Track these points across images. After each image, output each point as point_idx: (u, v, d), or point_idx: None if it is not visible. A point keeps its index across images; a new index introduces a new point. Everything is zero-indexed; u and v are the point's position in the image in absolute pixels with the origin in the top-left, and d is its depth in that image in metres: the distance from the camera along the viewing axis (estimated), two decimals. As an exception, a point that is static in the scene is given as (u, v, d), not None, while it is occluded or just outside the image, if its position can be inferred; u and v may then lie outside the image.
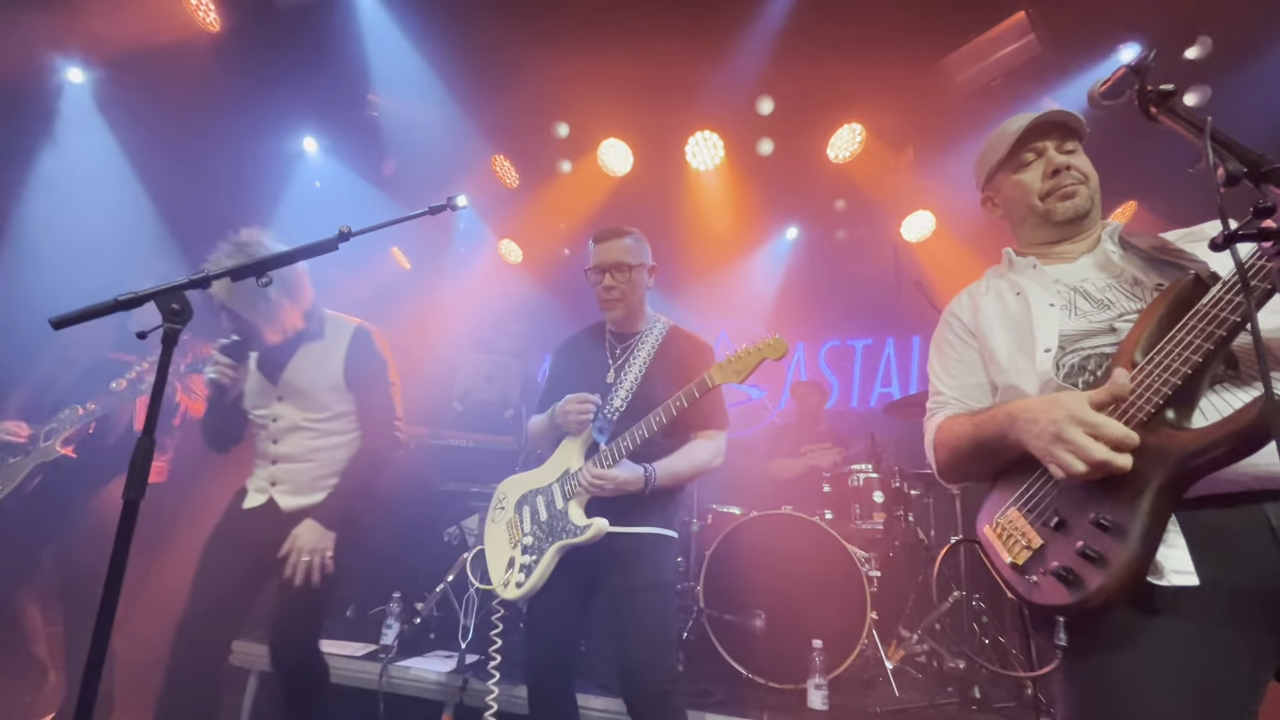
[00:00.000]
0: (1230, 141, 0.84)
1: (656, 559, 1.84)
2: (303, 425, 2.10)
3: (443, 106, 4.25)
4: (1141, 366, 0.93)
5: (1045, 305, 1.18)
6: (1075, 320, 1.13)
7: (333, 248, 1.51)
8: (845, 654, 2.71)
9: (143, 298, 1.24)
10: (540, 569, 1.79)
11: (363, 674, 2.81)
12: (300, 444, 2.10)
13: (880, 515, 3.30)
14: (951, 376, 1.35)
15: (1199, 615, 0.86)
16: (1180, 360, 0.89)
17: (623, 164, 4.65)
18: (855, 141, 4.25)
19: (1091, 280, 1.18)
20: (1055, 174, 1.27)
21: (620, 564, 1.81)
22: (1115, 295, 1.13)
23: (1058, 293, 1.19)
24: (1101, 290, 1.16)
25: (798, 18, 3.54)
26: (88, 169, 3.62)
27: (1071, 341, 1.11)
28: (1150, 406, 0.90)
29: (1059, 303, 1.17)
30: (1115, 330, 1.07)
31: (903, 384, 4.95)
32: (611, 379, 1.97)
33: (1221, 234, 0.75)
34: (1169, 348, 0.91)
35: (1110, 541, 0.88)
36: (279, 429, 2.10)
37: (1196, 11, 3.19)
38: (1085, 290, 1.17)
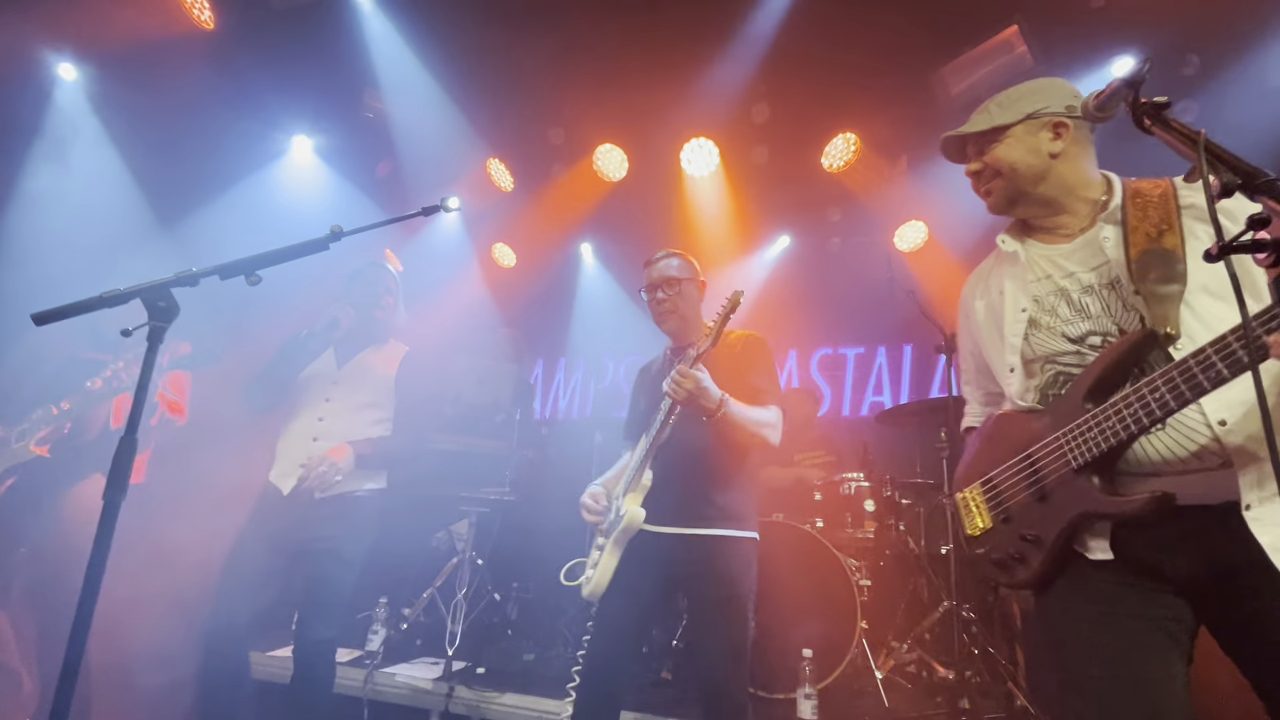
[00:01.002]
0: (1224, 154, 0.84)
1: (733, 566, 1.83)
2: (349, 410, 2.33)
3: (438, 109, 4.24)
4: (1084, 419, 1.12)
5: (1017, 311, 1.30)
6: (1048, 333, 1.25)
7: (324, 247, 1.50)
8: (835, 663, 2.70)
9: (129, 294, 1.22)
10: (601, 566, 1.88)
11: (347, 680, 2.77)
12: (341, 427, 2.29)
13: (871, 524, 3.30)
14: (966, 377, 1.56)
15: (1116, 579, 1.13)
16: (1109, 433, 1.08)
17: (618, 169, 4.66)
18: (849, 151, 4.28)
19: (1077, 276, 1.25)
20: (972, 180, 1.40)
21: (696, 571, 1.82)
22: (1093, 303, 1.22)
23: (1036, 293, 1.29)
24: (1081, 293, 1.24)
25: (794, 27, 3.56)
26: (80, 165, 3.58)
27: (1045, 353, 1.25)
28: (1079, 460, 1.12)
29: (1031, 308, 1.28)
30: (1081, 354, 1.20)
31: (894, 393, 4.96)
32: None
33: (1216, 245, 0.75)
34: (1105, 414, 1.09)
35: (1031, 550, 1.20)
36: (329, 409, 2.31)
37: (1188, 25, 3.24)
38: (1067, 291, 1.26)
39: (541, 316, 5.75)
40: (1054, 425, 1.17)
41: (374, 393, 2.41)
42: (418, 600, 3.50)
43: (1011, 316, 1.30)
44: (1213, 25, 3.25)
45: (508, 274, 5.68)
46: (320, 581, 2.19)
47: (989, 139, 1.33)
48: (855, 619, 2.75)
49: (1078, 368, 1.20)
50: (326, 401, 2.33)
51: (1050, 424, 1.18)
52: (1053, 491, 1.16)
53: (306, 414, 2.32)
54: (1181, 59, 3.34)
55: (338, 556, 2.20)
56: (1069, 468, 1.13)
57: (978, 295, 1.46)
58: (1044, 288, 1.28)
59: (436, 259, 5.35)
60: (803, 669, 2.52)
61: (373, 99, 4.17)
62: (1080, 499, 1.12)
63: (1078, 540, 1.15)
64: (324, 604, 2.19)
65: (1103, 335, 1.18)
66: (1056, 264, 1.29)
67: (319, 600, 2.18)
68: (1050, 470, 1.16)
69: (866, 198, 4.55)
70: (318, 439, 2.26)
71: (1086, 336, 1.20)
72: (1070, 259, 1.27)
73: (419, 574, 3.75)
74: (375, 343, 2.49)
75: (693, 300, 2.12)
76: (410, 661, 3.02)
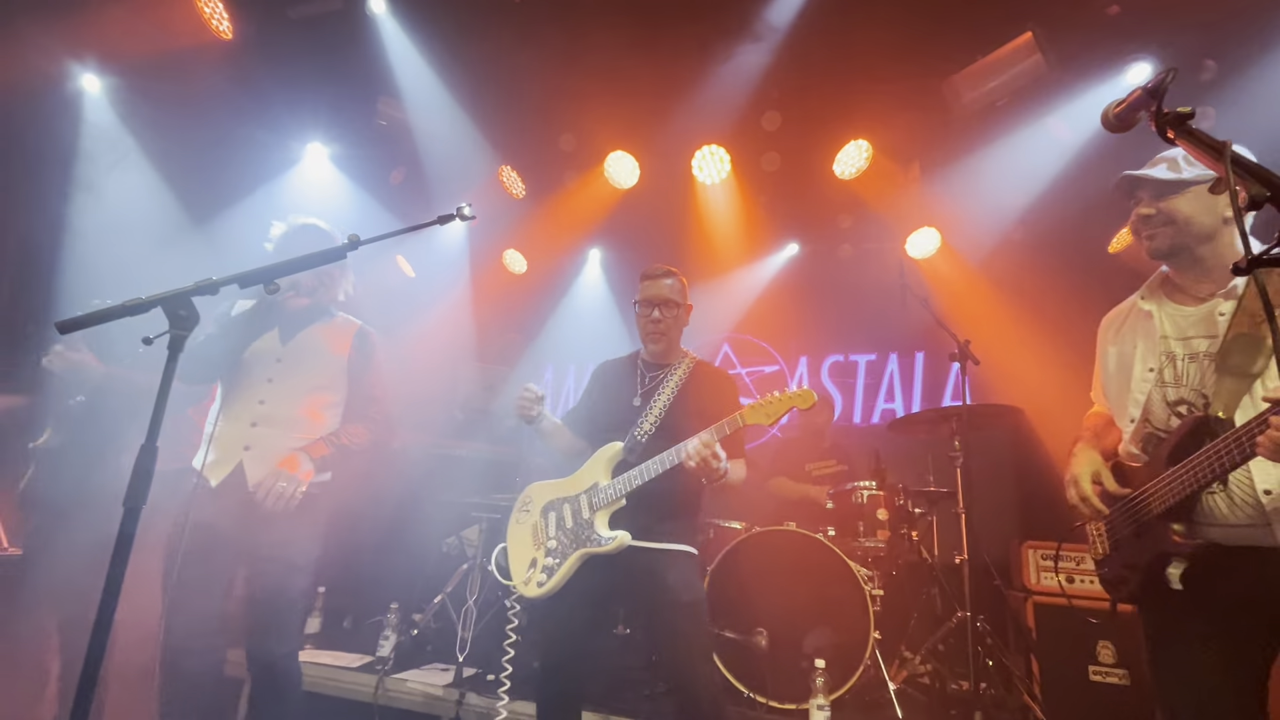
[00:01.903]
0: (1251, 165, 0.83)
1: (682, 576, 1.92)
2: (294, 394, 2.09)
3: (451, 117, 4.27)
4: (1163, 477, 1.38)
5: (1145, 370, 1.50)
6: (1160, 390, 1.47)
7: (341, 255, 1.52)
8: (848, 674, 2.67)
9: (150, 303, 1.24)
10: (561, 572, 1.91)
11: (358, 686, 2.78)
12: (283, 410, 2.06)
13: (884, 533, 3.27)
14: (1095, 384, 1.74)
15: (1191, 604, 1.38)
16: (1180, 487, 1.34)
17: (629, 177, 4.67)
18: (862, 158, 4.26)
19: (1190, 342, 1.44)
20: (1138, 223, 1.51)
21: (646, 582, 1.90)
22: (1191, 373, 1.42)
23: (1157, 355, 1.48)
24: (1184, 361, 1.44)
25: (805, 33, 3.56)
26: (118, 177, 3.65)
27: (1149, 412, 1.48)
28: (1160, 508, 1.39)
29: (1155, 367, 1.48)
30: (1171, 417, 1.43)
31: (906, 400, 4.93)
32: (638, 403, 2.11)
33: (1245, 258, 0.74)
34: (1177, 474, 1.34)
35: (1129, 575, 1.50)
36: (270, 391, 2.07)
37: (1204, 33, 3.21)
38: (1175, 357, 1.45)
39: (552, 323, 5.76)
40: (1146, 479, 1.44)
41: (323, 374, 2.17)
42: (429, 606, 3.50)
43: (1140, 374, 1.50)
44: (1229, 30, 3.22)
45: (519, 280, 5.70)
46: (273, 593, 1.98)
47: (1171, 188, 1.42)
48: (868, 629, 2.72)
49: (1164, 432, 1.44)
50: (269, 382, 2.07)
51: (1146, 476, 1.44)
52: (1145, 532, 1.44)
53: (245, 395, 2.06)
54: (1198, 65, 3.30)
55: (289, 563, 1.99)
56: (1154, 514, 1.40)
57: (1111, 340, 1.64)
58: (1160, 348, 1.48)
59: (448, 265, 5.38)
60: (815, 680, 2.50)
61: (386, 107, 4.21)
62: (1161, 540, 1.40)
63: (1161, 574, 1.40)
64: (278, 616, 2.00)
65: (1188, 405, 1.41)
66: (1178, 325, 1.47)
67: (273, 611, 1.98)
68: (1144, 513, 1.44)
69: (879, 204, 4.53)
70: (256, 424, 2.02)
71: (1178, 404, 1.43)
72: (1190, 324, 1.45)
73: (430, 580, 3.75)
74: (321, 318, 2.23)
75: (681, 325, 2.20)
76: (421, 668, 3.02)
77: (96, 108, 3.65)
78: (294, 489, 1.92)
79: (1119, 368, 1.57)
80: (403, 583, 3.72)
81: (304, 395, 2.11)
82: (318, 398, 2.14)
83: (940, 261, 4.72)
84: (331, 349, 2.19)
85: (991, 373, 3.38)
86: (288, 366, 2.10)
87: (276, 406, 2.05)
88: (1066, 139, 3.79)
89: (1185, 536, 1.35)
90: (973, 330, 3.30)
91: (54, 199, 3.47)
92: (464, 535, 4.04)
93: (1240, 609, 1.33)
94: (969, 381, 3.15)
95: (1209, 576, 1.34)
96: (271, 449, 2.00)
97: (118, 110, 3.68)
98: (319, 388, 2.15)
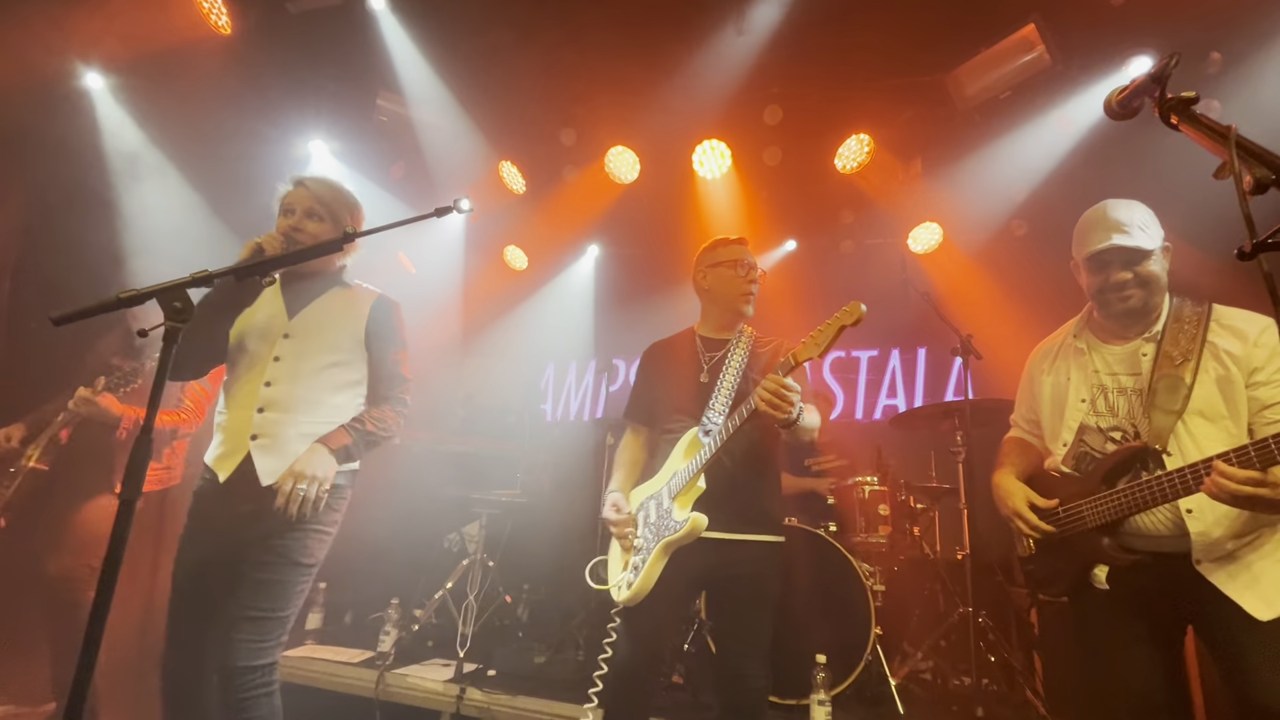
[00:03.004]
0: (1256, 149, 0.82)
1: (766, 572, 1.86)
2: (307, 372, 1.85)
3: (450, 112, 4.26)
4: (1099, 496, 1.57)
5: (1078, 401, 1.70)
6: (1091, 418, 1.67)
7: (337, 248, 1.51)
8: (850, 669, 2.67)
9: (145, 295, 1.23)
10: (646, 569, 1.81)
11: (359, 681, 2.78)
12: (294, 392, 1.82)
13: (885, 529, 3.26)
14: (1019, 410, 2.00)
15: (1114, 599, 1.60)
16: (1113, 509, 1.54)
17: (630, 171, 4.65)
18: (863, 152, 4.24)
19: (1119, 377, 1.66)
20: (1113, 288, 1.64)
21: (733, 574, 1.83)
22: (1122, 405, 1.63)
23: (1089, 387, 1.69)
24: (1116, 395, 1.65)
25: (807, 27, 3.54)
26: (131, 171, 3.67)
27: (1083, 432, 1.68)
28: (1094, 522, 1.58)
29: (1087, 397, 1.68)
30: (1107, 442, 1.62)
31: (908, 396, 4.91)
32: (705, 380, 2.01)
33: (1249, 242, 0.73)
34: (1114, 496, 1.54)
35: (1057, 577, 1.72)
36: (278, 371, 1.83)
37: (1208, 25, 3.18)
38: (1106, 389, 1.67)
39: (553, 319, 5.75)
40: (1080, 494, 1.62)
41: (339, 348, 1.91)
42: (429, 602, 3.51)
43: (1073, 403, 1.70)
44: (1235, 22, 3.19)
45: (519, 276, 5.69)
46: (261, 586, 1.69)
47: (1140, 256, 1.60)
48: (870, 625, 2.71)
49: (1099, 453, 1.62)
50: (275, 361, 1.83)
51: (1078, 492, 1.62)
52: (1075, 539, 1.63)
53: (249, 378, 1.83)
54: (1203, 57, 3.28)
55: (287, 556, 1.72)
56: (1085, 526, 1.60)
57: (1045, 371, 1.83)
58: (1093, 380, 1.68)
59: (448, 261, 5.37)
60: (816, 675, 2.49)
61: (386, 102, 4.20)
62: (1091, 550, 1.60)
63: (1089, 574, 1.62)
64: (261, 615, 1.67)
65: (1122, 433, 1.61)
66: (1107, 362, 1.69)
67: (256, 609, 1.67)
68: (1074, 524, 1.62)
69: (880, 199, 4.51)
70: (264, 409, 1.79)
71: (1111, 430, 1.63)
72: (1117, 362, 1.67)
73: (430, 575, 3.76)
74: (333, 286, 1.99)
75: None
76: (422, 663, 3.02)
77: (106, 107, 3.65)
78: (316, 491, 1.71)
79: (1053, 396, 1.77)
80: (404, 578, 3.72)
81: (317, 374, 1.86)
82: (333, 375, 1.89)
83: (942, 256, 4.70)
84: (346, 320, 1.95)
85: (994, 367, 3.36)
86: (297, 342, 1.87)
87: (285, 388, 1.82)
88: (1070, 132, 3.77)
89: (1115, 549, 1.55)
90: (975, 325, 3.29)
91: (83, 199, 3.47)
92: (465, 531, 4.05)
93: (1157, 597, 1.54)
94: (971, 376, 3.13)
95: (1129, 575, 1.55)
96: (282, 438, 1.78)
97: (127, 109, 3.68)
98: (334, 364, 1.89)
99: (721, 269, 2.09)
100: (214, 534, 1.76)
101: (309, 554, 1.78)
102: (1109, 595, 1.59)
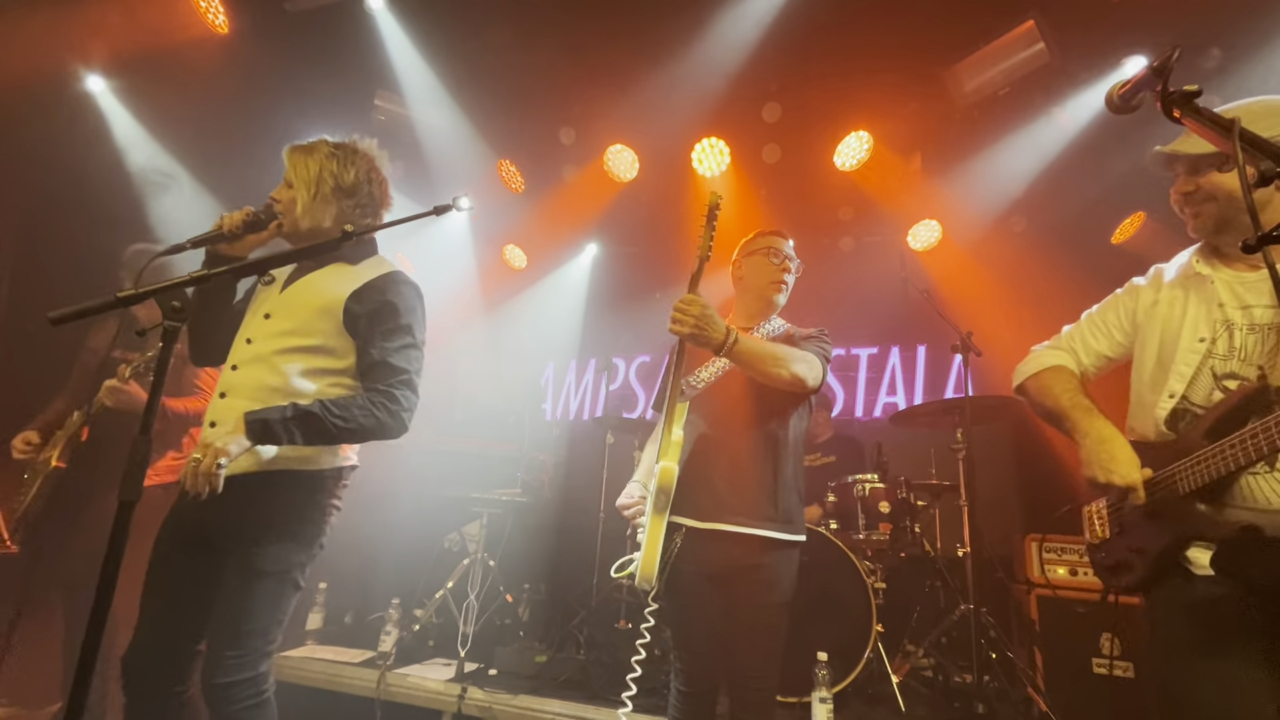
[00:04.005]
0: (1260, 141, 0.81)
1: (786, 573, 1.81)
2: (266, 354, 1.65)
3: (449, 112, 4.25)
4: (1200, 454, 1.22)
5: (1195, 340, 1.32)
6: (1208, 360, 1.30)
7: (336, 248, 1.50)
8: (851, 667, 2.67)
9: (144, 294, 1.23)
10: (647, 541, 1.68)
11: (360, 681, 2.77)
12: (253, 376, 1.64)
13: (886, 526, 3.25)
14: (1092, 335, 1.55)
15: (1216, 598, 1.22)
16: (1219, 465, 1.18)
17: (629, 170, 4.65)
18: (862, 149, 4.24)
19: (1251, 310, 1.29)
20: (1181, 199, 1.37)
21: (752, 575, 1.76)
22: (1251, 344, 1.26)
23: (1212, 324, 1.31)
24: (1245, 332, 1.28)
25: (806, 25, 3.53)
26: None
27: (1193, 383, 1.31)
28: (1190, 486, 1.23)
29: (1208, 337, 1.31)
30: (1215, 392, 1.27)
31: (908, 393, 4.91)
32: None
33: (1255, 234, 0.72)
34: (1220, 449, 1.18)
35: (1136, 560, 1.36)
36: (245, 353, 1.68)
37: (1208, 20, 3.18)
38: (1233, 326, 1.29)
39: (553, 317, 5.74)
40: (1173, 458, 1.27)
41: (314, 330, 1.67)
42: (430, 601, 3.50)
43: (1188, 343, 1.32)
44: (1235, 17, 3.19)
45: (519, 275, 5.69)
46: (237, 602, 1.55)
47: (1208, 162, 1.30)
48: (870, 622, 2.71)
49: (1201, 408, 1.28)
50: (247, 344, 1.68)
51: (1170, 457, 1.28)
52: (1163, 512, 1.29)
53: (228, 360, 1.72)
54: (1203, 52, 3.27)
55: (256, 567, 1.56)
56: (1178, 494, 1.25)
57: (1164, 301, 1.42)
58: (1217, 316, 1.31)
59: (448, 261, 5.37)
60: (817, 673, 2.49)
61: (384, 101, 4.19)
62: (1184, 520, 1.25)
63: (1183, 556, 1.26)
64: (232, 627, 1.54)
65: (1241, 380, 1.24)
66: (1236, 293, 1.31)
67: (232, 625, 1.54)
68: (1163, 494, 1.28)
69: (880, 196, 4.51)
70: (225, 394, 1.64)
71: (1226, 378, 1.27)
72: (1251, 290, 1.30)
73: (431, 575, 3.75)
74: (338, 259, 1.76)
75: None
76: (423, 663, 3.02)
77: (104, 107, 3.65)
78: (208, 464, 1.43)
79: (1164, 337, 1.38)
80: (404, 578, 3.72)
81: (281, 357, 1.64)
82: (303, 360, 1.65)
83: (942, 253, 4.70)
84: (325, 297, 1.69)
85: (994, 365, 3.36)
86: (273, 323, 1.68)
87: (247, 372, 1.64)
88: (1070, 128, 3.76)
89: (1216, 517, 1.20)
90: (975, 322, 3.29)
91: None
92: (465, 531, 4.04)
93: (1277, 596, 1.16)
94: (971, 373, 3.13)
95: (1241, 562, 1.17)
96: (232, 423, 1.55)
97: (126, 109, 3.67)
98: (305, 349, 1.65)
99: (756, 257, 2.10)
100: (187, 529, 1.64)
101: (279, 561, 1.60)
102: (1210, 590, 1.22)
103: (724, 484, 1.78)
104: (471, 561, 3.57)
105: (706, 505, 1.77)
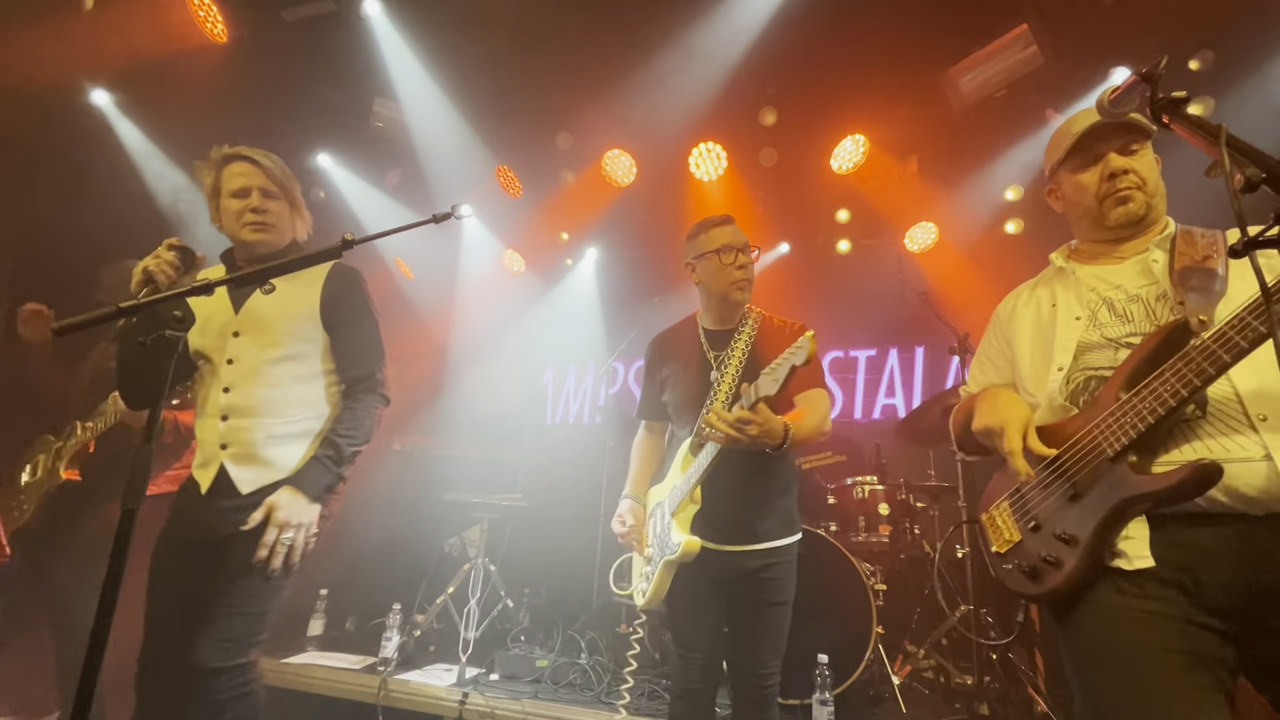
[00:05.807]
0: (1246, 147, 0.83)
1: (786, 573, 1.84)
2: (257, 369, 1.72)
3: (447, 118, 4.26)
4: (1117, 406, 1.10)
5: (1071, 319, 1.28)
6: (1091, 332, 1.25)
7: (336, 256, 1.50)
8: (851, 669, 2.67)
9: (145, 305, 1.24)
10: (655, 584, 1.79)
11: (361, 687, 2.77)
12: (250, 394, 1.71)
13: (886, 528, 3.26)
14: (981, 372, 1.50)
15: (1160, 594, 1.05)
16: (1145, 413, 1.05)
17: (626, 174, 4.67)
18: (858, 152, 4.26)
19: (1124, 287, 1.26)
20: (1112, 178, 1.28)
21: (755, 581, 1.80)
22: (1136, 310, 1.22)
23: (1086, 302, 1.28)
24: (1125, 302, 1.24)
25: (801, 30, 3.56)
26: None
27: (1082, 354, 1.23)
28: (1115, 446, 1.08)
29: (1084, 315, 1.27)
30: (1120, 350, 1.19)
31: (907, 395, 4.92)
32: (715, 377, 1.89)
33: (1241, 240, 0.74)
34: (1144, 394, 1.06)
35: (1065, 550, 1.12)
36: (234, 374, 1.72)
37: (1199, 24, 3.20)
38: (1111, 300, 1.26)
39: (552, 322, 5.76)
40: (1085, 422, 1.14)
41: (294, 336, 1.75)
42: (431, 606, 3.50)
43: (1065, 324, 1.29)
44: (1227, 23, 3.22)
45: (518, 280, 5.70)
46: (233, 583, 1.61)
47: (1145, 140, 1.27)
48: (871, 624, 2.71)
49: (1110, 369, 1.17)
50: (229, 365, 1.72)
51: (1081, 423, 1.15)
52: (1087, 488, 1.11)
53: (210, 385, 1.74)
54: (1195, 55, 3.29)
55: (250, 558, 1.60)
56: (1104, 457, 1.09)
57: (1023, 304, 1.43)
58: (1091, 297, 1.28)
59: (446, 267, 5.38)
60: (818, 675, 2.49)
61: (382, 108, 4.20)
62: (1118, 486, 1.06)
63: (1115, 549, 1.08)
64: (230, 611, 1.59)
65: (1141, 336, 1.17)
66: (1104, 279, 1.30)
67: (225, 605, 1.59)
68: (1083, 466, 1.12)
69: (876, 199, 4.53)
70: (227, 417, 1.71)
71: (1126, 337, 1.19)
72: (1118, 276, 1.29)
73: (432, 580, 3.75)
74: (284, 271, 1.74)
75: None
76: (424, 668, 3.02)
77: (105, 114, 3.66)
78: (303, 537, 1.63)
79: (1036, 330, 1.35)
80: (405, 583, 3.71)
81: (272, 369, 1.73)
82: (291, 368, 1.75)
83: (939, 255, 4.71)
84: (292, 302, 1.77)
85: (992, 366, 3.37)
86: (248, 339, 1.74)
87: (244, 391, 1.71)
88: (1064, 130, 3.78)
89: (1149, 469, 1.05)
90: (972, 324, 3.30)
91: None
92: (466, 535, 4.04)
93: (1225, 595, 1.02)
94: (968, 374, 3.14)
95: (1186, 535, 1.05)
96: (252, 443, 1.70)
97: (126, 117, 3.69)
98: (289, 356, 1.75)
99: (707, 260, 1.93)
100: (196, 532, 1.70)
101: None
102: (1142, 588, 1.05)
103: (727, 509, 1.79)
104: (472, 566, 3.58)
105: (709, 532, 1.77)
